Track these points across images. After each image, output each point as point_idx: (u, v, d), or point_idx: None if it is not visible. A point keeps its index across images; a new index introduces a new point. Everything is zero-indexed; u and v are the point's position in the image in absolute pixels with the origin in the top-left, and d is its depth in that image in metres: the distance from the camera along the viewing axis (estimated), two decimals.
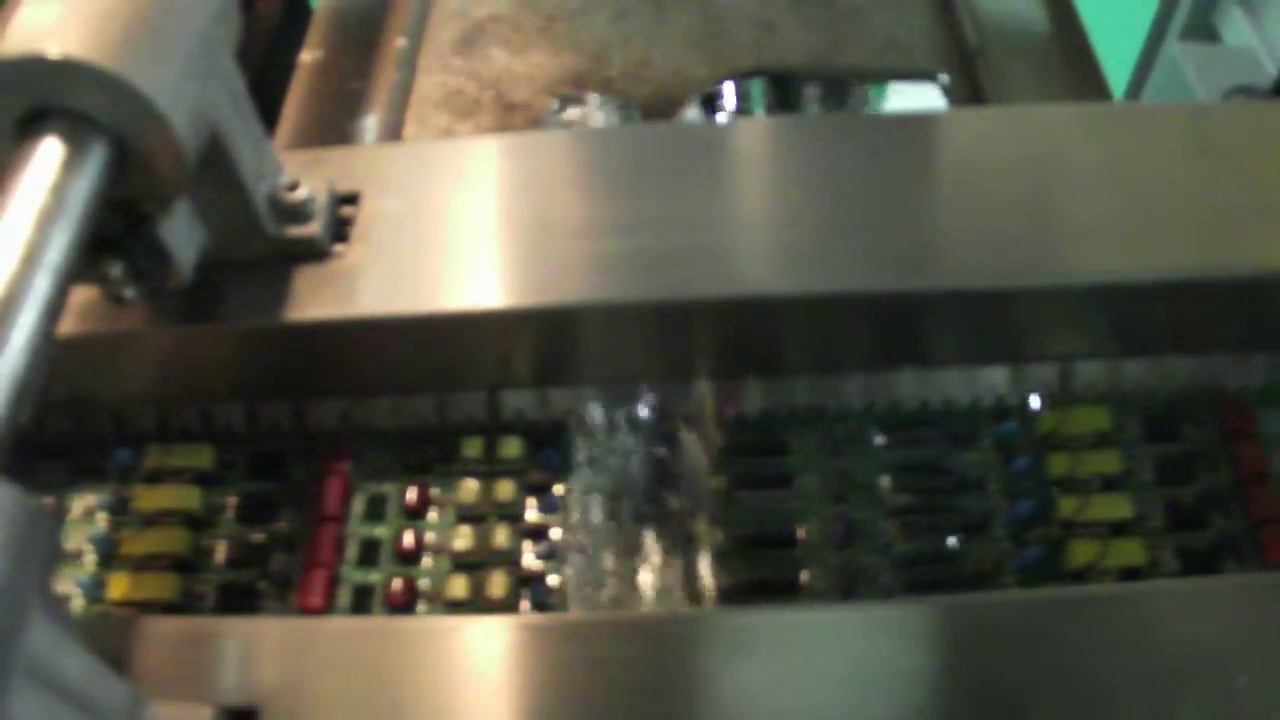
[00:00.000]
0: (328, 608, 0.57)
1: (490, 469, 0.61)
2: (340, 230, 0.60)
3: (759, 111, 0.89)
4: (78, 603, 0.58)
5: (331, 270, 0.59)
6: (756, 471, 0.60)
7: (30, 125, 0.46)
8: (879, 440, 0.60)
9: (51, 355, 0.43)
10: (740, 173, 0.66)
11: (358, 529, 0.60)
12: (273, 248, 0.58)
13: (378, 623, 0.54)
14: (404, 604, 0.57)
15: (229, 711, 0.46)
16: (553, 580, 0.58)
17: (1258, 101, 1.23)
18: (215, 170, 0.54)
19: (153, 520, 0.60)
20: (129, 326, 0.58)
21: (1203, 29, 1.75)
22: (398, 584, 0.57)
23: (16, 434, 0.40)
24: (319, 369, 0.62)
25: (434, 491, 0.61)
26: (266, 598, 0.58)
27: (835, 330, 0.61)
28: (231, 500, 0.61)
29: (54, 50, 0.45)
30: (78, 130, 0.46)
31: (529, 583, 0.58)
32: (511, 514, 0.60)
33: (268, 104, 0.91)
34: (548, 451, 0.61)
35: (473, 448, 0.61)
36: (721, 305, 0.58)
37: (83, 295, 0.57)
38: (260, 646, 0.49)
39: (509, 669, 0.48)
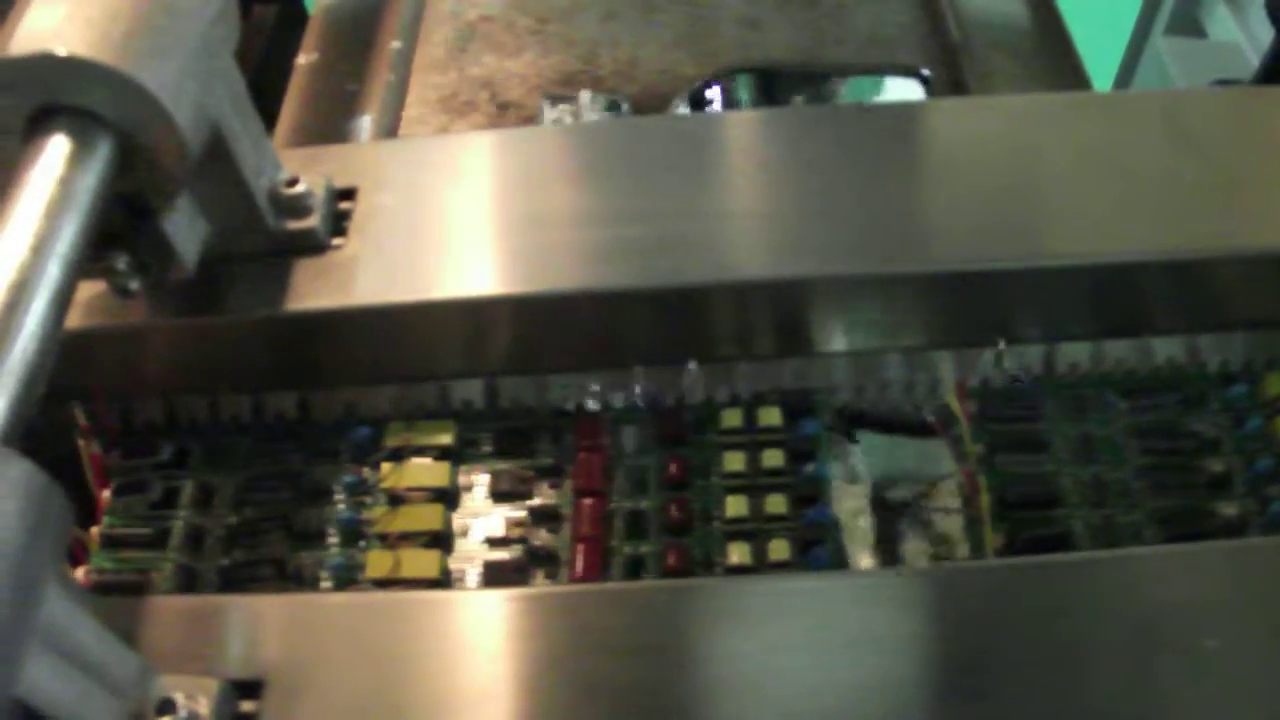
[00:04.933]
0: (601, 580, 0.58)
1: (751, 439, 0.62)
2: (338, 224, 0.62)
3: (746, 107, 0.90)
4: (326, 585, 0.58)
5: (330, 262, 0.60)
6: (1012, 437, 0.61)
7: (39, 122, 0.48)
8: (1120, 405, 0.62)
9: (60, 342, 0.44)
10: (729, 163, 0.67)
11: (622, 502, 0.61)
12: (273, 241, 0.60)
13: (379, 597, 0.56)
14: (681, 572, 0.57)
15: (235, 684, 0.47)
16: (831, 544, 0.59)
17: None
18: (217, 166, 0.55)
19: (401, 499, 0.60)
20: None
21: (1188, 24, 1.77)
22: (673, 555, 0.58)
23: (30, 415, 0.42)
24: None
25: (693, 462, 0.61)
26: (530, 573, 0.58)
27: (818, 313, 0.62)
28: (477, 477, 0.62)
29: (61, 50, 0.47)
30: (84, 127, 0.48)
31: (808, 547, 0.58)
32: (779, 482, 0.60)
33: (265, 105, 0.92)
34: (805, 420, 0.62)
35: (732, 418, 0.62)
36: (715, 291, 0.60)
37: (90, 290, 0.59)
38: (266, 621, 0.50)
39: (508, 640, 0.50)
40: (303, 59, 1.01)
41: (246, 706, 0.47)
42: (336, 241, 0.61)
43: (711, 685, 0.49)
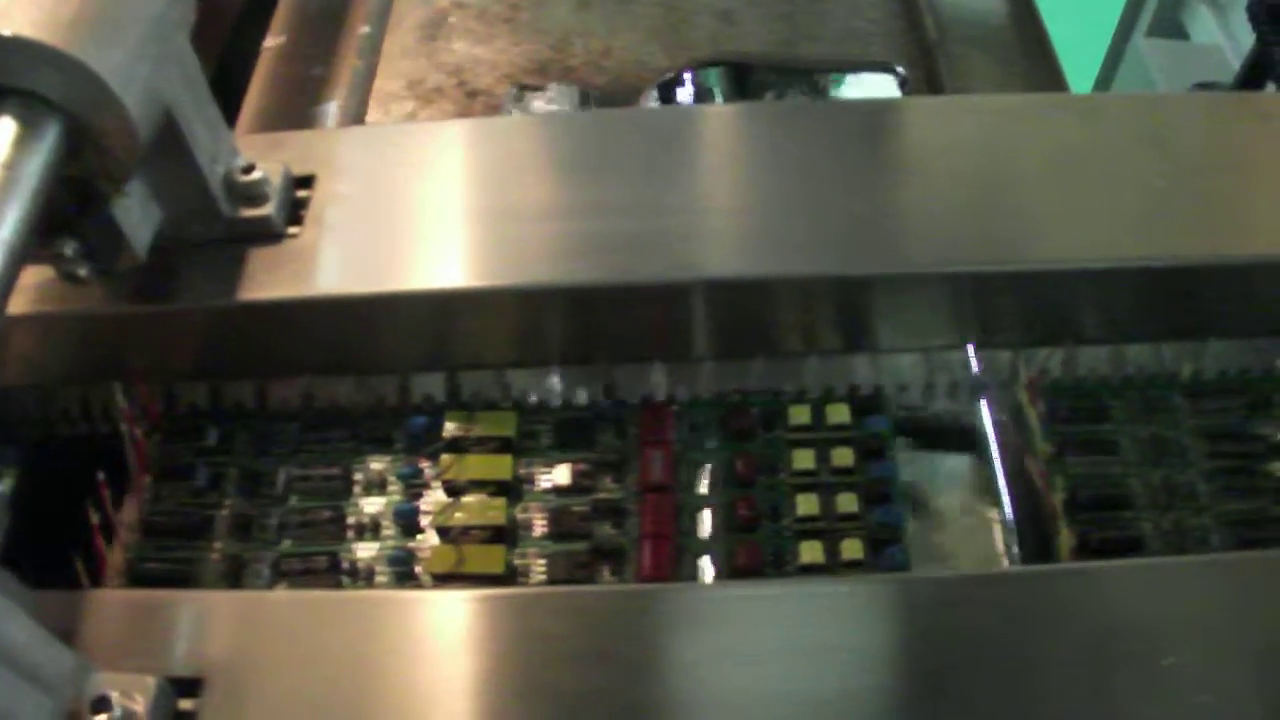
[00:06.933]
0: (670, 577, 0.57)
1: (819, 436, 0.61)
2: (295, 212, 0.61)
3: (718, 101, 0.89)
4: (382, 579, 0.57)
5: (284, 252, 0.59)
6: (1080, 437, 0.61)
7: None
8: (1186, 407, 0.62)
9: (2, 329, 0.44)
10: (700, 158, 0.67)
11: (689, 498, 0.60)
12: (228, 229, 0.59)
13: (324, 595, 0.55)
14: (753, 570, 0.57)
15: (174, 681, 0.46)
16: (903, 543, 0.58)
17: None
18: (169, 151, 0.54)
19: (460, 490, 0.59)
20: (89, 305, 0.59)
21: (1170, 26, 1.77)
22: (743, 553, 0.57)
23: None
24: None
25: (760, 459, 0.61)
26: (595, 570, 0.57)
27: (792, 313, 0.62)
28: (539, 470, 0.61)
29: (6, 30, 0.46)
30: (31, 109, 0.47)
31: (881, 546, 0.57)
32: (849, 480, 0.59)
33: (231, 89, 0.91)
34: (873, 418, 0.61)
35: (801, 414, 0.61)
36: (692, 287, 0.60)
37: (39, 275, 0.58)
38: (209, 618, 0.50)
39: (456, 643, 0.49)
40: (270, 42, 1.00)
41: (185, 705, 0.46)
42: (293, 230, 0.60)
43: (666, 694, 0.48)
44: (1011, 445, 0.63)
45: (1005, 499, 0.61)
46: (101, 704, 0.44)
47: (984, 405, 0.63)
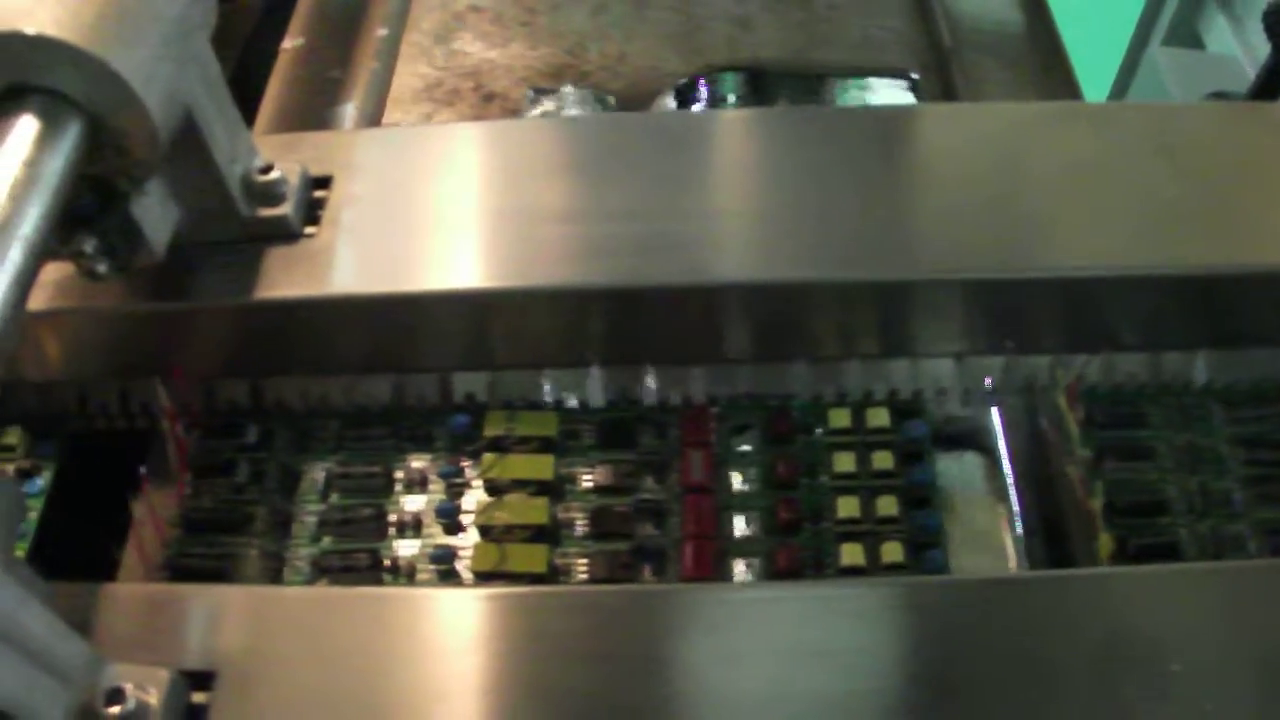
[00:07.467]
0: (712, 578, 0.57)
1: (859, 439, 0.61)
2: (312, 213, 0.61)
3: (732, 106, 0.90)
4: (424, 576, 0.58)
5: (301, 251, 0.60)
6: (1119, 443, 0.61)
7: (6, 102, 0.47)
8: (1223, 415, 0.62)
9: (22, 325, 0.44)
10: (716, 162, 0.67)
11: (729, 499, 0.60)
12: (245, 228, 0.59)
13: (335, 591, 0.55)
14: (793, 572, 0.57)
15: (187, 674, 0.47)
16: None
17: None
18: (189, 151, 0.55)
19: (502, 489, 0.60)
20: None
21: (1186, 35, 1.77)
22: (783, 555, 0.57)
23: None
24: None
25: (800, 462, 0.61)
26: (636, 570, 0.58)
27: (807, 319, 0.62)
28: (579, 470, 0.61)
29: (30, 29, 0.46)
30: (53, 108, 0.47)
31: (921, 550, 0.58)
32: (890, 484, 0.60)
33: (250, 90, 0.92)
34: (913, 422, 0.62)
35: (841, 418, 0.62)
36: (709, 291, 0.60)
37: (57, 271, 0.58)
38: (222, 612, 0.50)
39: (464, 641, 0.49)
40: (288, 44, 1.00)
41: (198, 697, 0.47)
42: (309, 230, 0.61)
43: (668, 694, 0.48)
44: (1025, 450, 0.63)
45: (1015, 504, 0.61)
46: (115, 696, 0.44)
47: (995, 411, 0.63)
